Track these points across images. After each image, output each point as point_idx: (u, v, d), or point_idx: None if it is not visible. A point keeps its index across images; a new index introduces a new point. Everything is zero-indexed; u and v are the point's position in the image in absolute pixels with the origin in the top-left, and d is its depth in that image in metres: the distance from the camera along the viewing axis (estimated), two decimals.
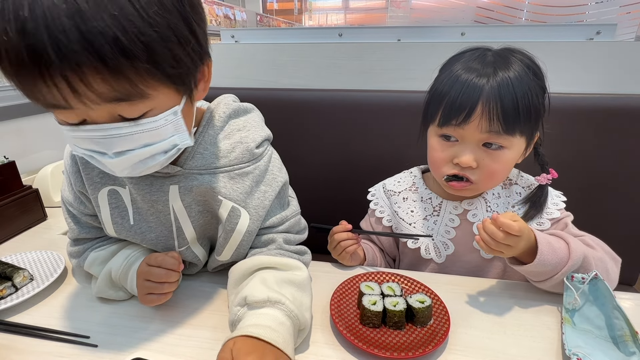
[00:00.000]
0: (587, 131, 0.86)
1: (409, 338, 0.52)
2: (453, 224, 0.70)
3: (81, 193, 0.58)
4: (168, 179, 0.54)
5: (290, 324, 0.48)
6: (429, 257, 0.72)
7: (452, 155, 0.62)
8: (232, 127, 0.58)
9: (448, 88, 0.60)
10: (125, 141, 0.42)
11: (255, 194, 0.57)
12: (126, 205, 0.57)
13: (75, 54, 0.33)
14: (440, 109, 0.61)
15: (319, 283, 0.64)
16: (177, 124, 0.45)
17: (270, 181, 0.59)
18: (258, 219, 0.57)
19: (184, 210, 0.56)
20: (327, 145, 1.00)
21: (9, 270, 0.62)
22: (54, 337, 0.52)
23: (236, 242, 0.57)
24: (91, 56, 0.34)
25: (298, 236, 0.63)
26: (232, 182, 0.56)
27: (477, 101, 0.57)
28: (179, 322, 0.56)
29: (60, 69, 0.34)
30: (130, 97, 0.39)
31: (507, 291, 0.62)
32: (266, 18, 4.50)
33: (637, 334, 0.48)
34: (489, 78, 0.57)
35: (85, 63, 0.34)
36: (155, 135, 0.43)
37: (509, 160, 0.62)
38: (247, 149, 0.57)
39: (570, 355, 0.47)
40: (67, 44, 0.33)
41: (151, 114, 0.42)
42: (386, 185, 0.78)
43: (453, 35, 1.05)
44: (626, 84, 0.88)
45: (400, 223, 0.74)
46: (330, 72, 1.02)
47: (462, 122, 0.58)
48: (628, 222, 0.91)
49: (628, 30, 1.89)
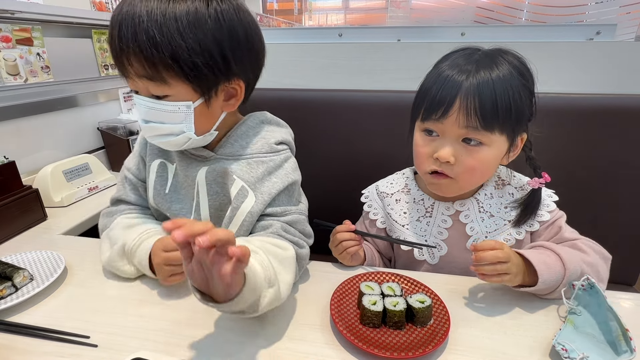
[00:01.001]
0: (587, 131, 0.86)
1: (409, 338, 0.52)
2: (445, 225, 0.70)
3: (141, 158, 0.73)
4: (202, 162, 0.67)
5: (260, 270, 0.50)
6: (422, 258, 0.72)
7: (433, 150, 0.63)
8: (263, 129, 0.69)
9: (431, 84, 0.62)
10: (149, 113, 0.59)
11: (266, 182, 0.64)
12: (168, 177, 0.70)
13: (129, 45, 0.53)
14: (424, 104, 0.63)
15: (319, 283, 0.64)
16: (188, 115, 0.59)
17: (281, 175, 0.65)
18: (262, 202, 0.62)
19: (205, 187, 0.66)
20: (327, 145, 1.00)
21: (9, 270, 0.62)
22: (54, 337, 0.52)
23: (239, 221, 0.63)
24: (136, 45, 0.52)
25: (301, 236, 0.64)
26: (248, 167, 0.64)
27: (455, 96, 0.58)
28: (179, 322, 0.56)
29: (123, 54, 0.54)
30: (154, 79, 0.55)
31: (508, 291, 0.62)
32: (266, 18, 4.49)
33: (627, 332, 0.48)
34: (468, 75, 0.59)
35: (132, 49, 0.53)
36: (169, 117, 0.58)
37: (489, 158, 0.62)
38: (267, 143, 0.66)
39: (555, 344, 0.48)
40: (130, 39, 0.52)
41: (170, 99, 0.57)
42: (379, 187, 0.78)
43: (453, 36, 1.05)
44: (626, 84, 0.88)
45: (393, 225, 0.74)
46: (330, 72, 1.03)
47: (441, 116, 0.60)
48: (628, 222, 0.91)
49: (628, 30, 1.89)
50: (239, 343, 0.52)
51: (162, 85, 0.56)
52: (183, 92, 0.57)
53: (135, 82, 0.57)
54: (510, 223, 0.69)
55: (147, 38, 0.52)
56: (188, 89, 0.57)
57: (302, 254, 0.62)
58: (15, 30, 1.04)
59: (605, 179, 0.89)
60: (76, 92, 1.22)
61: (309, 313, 0.58)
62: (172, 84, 0.56)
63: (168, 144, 0.62)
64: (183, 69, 0.54)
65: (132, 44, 0.52)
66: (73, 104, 1.21)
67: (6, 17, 1.00)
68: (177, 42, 0.52)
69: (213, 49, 0.55)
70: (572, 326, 0.52)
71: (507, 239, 0.68)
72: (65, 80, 1.18)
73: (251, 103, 0.68)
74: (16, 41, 1.04)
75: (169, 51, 0.52)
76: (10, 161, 0.85)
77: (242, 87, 0.62)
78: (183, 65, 0.54)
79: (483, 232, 0.69)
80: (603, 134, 0.86)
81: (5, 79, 1.01)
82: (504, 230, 0.69)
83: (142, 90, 0.58)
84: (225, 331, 0.54)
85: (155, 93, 0.57)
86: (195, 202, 0.67)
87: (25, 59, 1.06)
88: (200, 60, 0.54)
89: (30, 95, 1.07)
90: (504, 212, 0.69)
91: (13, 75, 1.03)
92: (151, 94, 0.57)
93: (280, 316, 0.57)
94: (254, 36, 0.61)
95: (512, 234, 0.68)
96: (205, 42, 0.54)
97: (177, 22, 0.52)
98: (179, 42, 0.52)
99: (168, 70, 0.54)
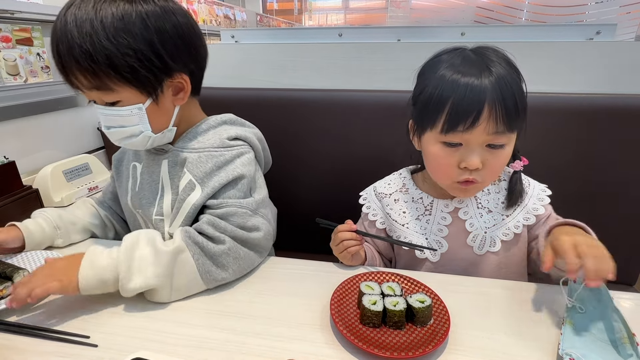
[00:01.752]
0: (587, 131, 0.86)
1: (409, 338, 0.52)
2: (445, 222, 0.71)
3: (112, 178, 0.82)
4: (162, 156, 0.71)
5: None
6: (424, 257, 0.72)
7: (458, 160, 0.61)
8: (221, 127, 0.72)
9: (449, 93, 0.58)
10: (108, 120, 0.64)
11: (214, 177, 0.66)
12: (137, 176, 0.75)
13: (68, 61, 0.57)
14: (443, 115, 0.59)
15: (319, 283, 0.64)
16: (141, 117, 0.63)
17: (229, 170, 0.67)
18: (206, 195, 0.66)
19: (169, 181, 0.70)
20: (327, 145, 1.00)
21: (9, 270, 0.62)
22: (54, 337, 0.52)
23: (184, 212, 0.67)
24: (73, 60, 0.56)
25: (233, 229, 0.64)
26: (198, 161, 0.67)
27: (483, 104, 0.56)
28: (179, 322, 0.56)
29: (66, 70, 0.59)
30: (100, 88, 0.59)
31: (508, 291, 0.62)
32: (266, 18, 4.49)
33: (634, 336, 0.48)
34: (488, 79, 0.57)
35: (72, 65, 0.57)
36: (125, 120, 0.63)
37: (508, 156, 0.63)
38: (219, 138, 0.70)
39: (562, 355, 0.47)
40: (66, 55, 0.57)
41: (121, 105, 0.62)
42: (377, 188, 0.79)
43: (453, 35, 1.05)
44: (626, 84, 0.88)
45: (393, 225, 0.74)
46: (330, 72, 1.02)
47: (469, 126, 0.57)
48: (628, 222, 0.91)
49: (628, 30, 1.89)
50: (239, 343, 0.52)
51: (110, 93, 0.60)
52: (130, 95, 0.61)
53: (87, 94, 0.62)
54: (508, 218, 0.70)
55: (81, 52, 0.55)
56: (134, 91, 0.61)
57: (222, 250, 0.62)
58: (15, 30, 1.04)
59: (605, 179, 0.89)
60: (76, 92, 1.22)
61: (309, 313, 0.58)
62: (118, 90, 0.60)
63: (133, 144, 0.67)
64: (122, 74, 0.58)
65: (70, 59, 0.56)
66: (73, 104, 1.21)
67: (6, 17, 1.00)
68: (110, 50, 0.56)
69: (145, 50, 0.58)
70: (571, 327, 0.52)
71: (506, 233, 0.69)
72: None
73: (251, 103, 0.68)
74: (16, 41, 1.04)
75: (104, 60, 0.56)
76: (10, 161, 0.85)
77: (186, 80, 0.65)
78: (121, 71, 0.57)
79: (482, 228, 0.69)
80: (603, 134, 0.86)
81: (5, 79, 1.01)
82: (503, 225, 0.69)
83: (97, 100, 0.62)
84: (225, 331, 0.54)
85: (107, 100, 0.61)
86: (159, 195, 0.71)
87: (25, 59, 1.06)
88: (136, 63, 0.57)
89: (30, 95, 1.07)
90: (501, 207, 0.70)
91: (13, 75, 1.03)
92: (104, 102, 0.62)
93: (280, 316, 0.57)
94: (185, 30, 0.63)
95: (511, 228, 0.69)
96: (137, 44, 0.57)
97: (105, 30, 0.55)
98: (111, 49, 0.56)
99: (110, 78, 0.58)
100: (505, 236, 0.69)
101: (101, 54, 0.55)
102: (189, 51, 0.65)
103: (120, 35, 0.56)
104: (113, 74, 0.57)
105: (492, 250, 0.69)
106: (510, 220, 0.69)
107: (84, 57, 0.55)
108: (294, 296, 0.62)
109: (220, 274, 0.62)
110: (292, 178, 0.86)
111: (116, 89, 0.59)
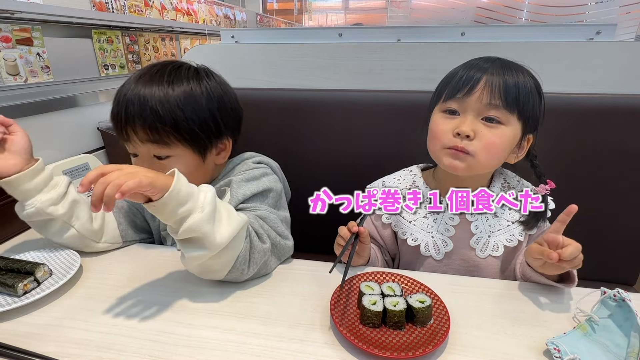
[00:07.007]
0: (587, 131, 0.86)
1: (409, 338, 0.52)
2: (453, 222, 0.71)
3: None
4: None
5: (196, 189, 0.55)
6: (429, 254, 0.72)
7: (452, 126, 0.63)
8: (245, 155, 0.80)
9: (456, 70, 0.66)
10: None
11: (243, 186, 0.70)
12: None
13: (134, 117, 0.64)
14: (447, 87, 0.65)
15: (319, 283, 0.64)
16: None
17: (259, 183, 0.71)
18: (237, 202, 0.68)
19: None
20: (327, 145, 1.00)
21: (29, 265, 0.63)
22: None
23: None
24: (141, 118, 0.64)
25: (269, 230, 0.65)
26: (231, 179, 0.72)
27: (481, 76, 0.62)
28: (179, 322, 0.56)
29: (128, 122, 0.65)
30: (158, 142, 0.66)
31: (508, 291, 0.62)
32: (266, 18, 4.49)
33: None
34: (494, 62, 0.63)
35: (137, 120, 0.64)
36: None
37: (507, 136, 0.63)
38: (246, 164, 0.77)
39: (547, 344, 0.48)
40: (135, 113, 0.64)
41: (171, 160, 0.68)
42: (385, 183, 0.78)
43: (453, 36, 1.05)
44: (626, 84, 0.88)
45: (400, 220, 0.74)
46: (330, 72, 1.02)
47: (466, 94, 0.62)
48: (628, 222, 0.91)
49: (628, 30, 1.89)
50: (239, 343, 0.52)
51: (165, 147, 0.66)
52: (183, 152, 0.68)
53: (138, 146, 0.67)
54: (513, 224, 0.70)
55: (151, 113, 0.63)
56: (187, 149, 0.68)
57: (263, 248, 0.62)
58: (15, 30, 1.04)
59: (605, 179, 0.89)
60: (76, 92, 1.22)
61: (309, 313, 0.58)
62: (173, 146, 0.67)
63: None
64: (182, 134, 0.66)
65: (139, 118, 0.63)
66: (73, 104, 1.21)
67: (6, 17, 1.00)
68: (177, 114, 0.64)
69: (207, 117, 0.68)
70: (582, 332, 0.51)
71: (509, 239, 0.69)
72: (65, 80, 1.19)
73: (251, 103, 0.68)
74: (16, 41, 1.04)
75: (170, 122, 0.64)
76: None
77: (230, 143, 0.76)
78: (182, 132, 0.66)
79: (487, 231, 0.70)
80: (603, 134, 0.86)
81: (5, 79, 1.01)
82: (507, 231, 0.70)
83: (144, 153, 0.68)
84: (225, 331, 0.54)
85: (158, 154, 0.67)
86: None
87: (25, 59, 1.06)
88: (197, 127, 0.67)
89: (30, 95, 1.07)
90: (507, 213, 0.70)
91: (13, 75, 1.04)
92: (153, 155, 0.67)
93: (280, 316, 0.57)
94: (235, 102, 0.75)
95: (515, 234, 0.69)
96: (201, 113, 0.67)
97: (176, 100, 0.65)
98: (178, 114, 0.64)
99: (169, 136, 0.65)
100: (509, 242, 0.69)
101: (169, 117, 0.64)
102: (236, 118, 0.76)
103: (189, 105, 0.65)
104: (174, 134, 0.65)
105: (494, 254, 0.69)
106: (516, 227, 0.70)
107: (154, 118, 0.63)
108: (294, 296, 0.62)
109: (244, 270, 0.60)
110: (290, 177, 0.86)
111: (170, 144, 0.66)
